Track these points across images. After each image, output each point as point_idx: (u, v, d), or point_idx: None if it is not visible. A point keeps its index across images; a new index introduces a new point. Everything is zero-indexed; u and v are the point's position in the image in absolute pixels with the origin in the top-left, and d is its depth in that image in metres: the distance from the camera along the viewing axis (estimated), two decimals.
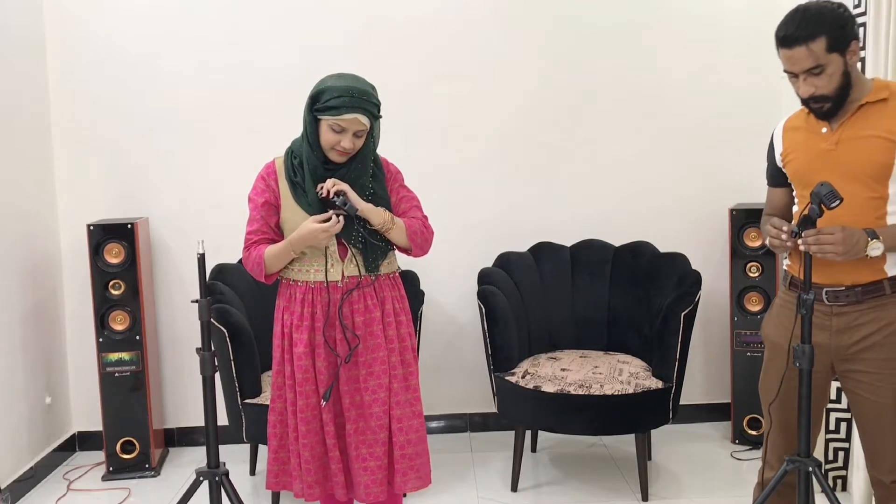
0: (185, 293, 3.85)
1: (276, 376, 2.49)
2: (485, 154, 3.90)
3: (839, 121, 2.12)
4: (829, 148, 2.12)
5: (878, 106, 2.08)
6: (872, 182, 2.06)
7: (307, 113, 2.36)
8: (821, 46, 2.00)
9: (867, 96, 2.08)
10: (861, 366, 2.13)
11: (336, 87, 2.29)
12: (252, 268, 2.44)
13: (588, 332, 3.69)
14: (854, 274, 2.10)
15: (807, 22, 2.00)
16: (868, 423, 2.17)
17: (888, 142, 2.04)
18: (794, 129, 2.25)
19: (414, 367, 2.54)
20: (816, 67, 2.02)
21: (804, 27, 2.00)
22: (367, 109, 2.30)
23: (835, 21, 2.00)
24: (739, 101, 3.92)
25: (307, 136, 2.38)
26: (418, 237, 2.47)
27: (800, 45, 2.01)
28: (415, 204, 2.55)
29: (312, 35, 3.78)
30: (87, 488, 3.49)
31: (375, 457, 2.44)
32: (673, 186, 3.95)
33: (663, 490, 3.31)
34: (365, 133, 2.35)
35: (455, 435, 4.01)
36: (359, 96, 2.28)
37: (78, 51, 3.74)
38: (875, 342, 2.11)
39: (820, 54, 2.01)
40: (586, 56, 3.88)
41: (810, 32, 2.00)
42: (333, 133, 2.32)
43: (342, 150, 2.33)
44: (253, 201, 2.46)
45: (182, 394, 3.90)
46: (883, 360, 2.10)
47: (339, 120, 2.29)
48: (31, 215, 3.60)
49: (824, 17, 2.00)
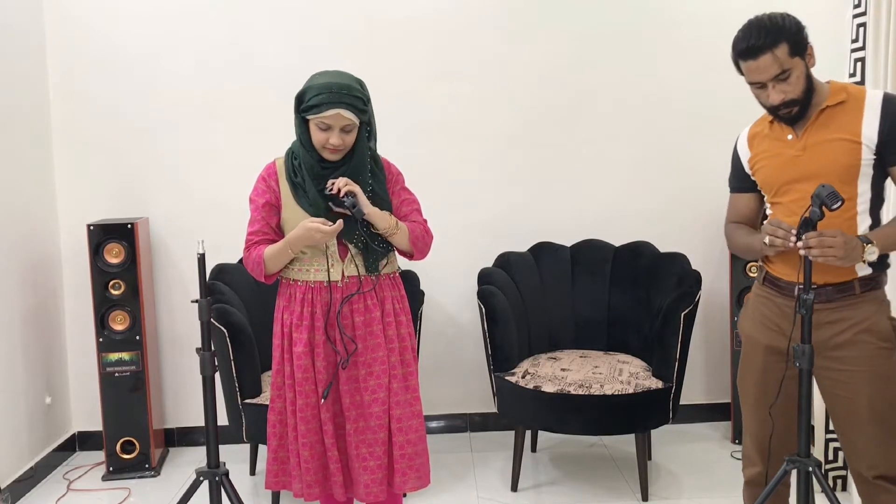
0: (185, 293, 3.85)
1: (276, 376, 2.49)
2: (485, 154, 3.90)
3: (803, 127, 2.18)
4: (797, 154, 2.18)
5: (838, 109, 2.14)
6: (841, 184, 2.10)
7: (295, 115, 2.38)
8: (784, 52, 2.07)
9: (827, 100, 2.14)
10: (834, 363, 2.17)
11: (316, 86, 2.30)
12: (252, 268, 2.45)
13: (588, 332, 3.69)
14: (826, 274, 2.14)
15: (767, 31, 2.07)
16: (844, 420, 2.20)
17: (853, 143, 2.10)
18: (759, 137, 2.31)
19: (413, 366, 2.54)
20: (783, 73, 2.08)
21: (766, 36, 2.07)
22: (350, 104, 2.29)
23: (792, 27, 2.08)
24: (739, 100, 3.89)
25: (299, 138, 2.40)
26: (420, 242, 2.49)
27: (764, 53, 2.07)
28: (415, 207, 2.56)
29: (312, 35, 3.78)
30: (87, 488, 3.49)
31: (375, 456, 2.44)
32: (673, 186, 3.95)
33: (663, 490, 3.31)
34: (353, 128, 2.35)
35: (455, 435, 4.01)
36: (338, 91, 2.28)
37: (78, 51, 3.74)
38: (846, 339, 2.15)
39: (784, 59, 2.07)
40: (586, 56, 3.88)
41: (773, 40, 2.06)
42: (321, 131, 2.33)
43: (332, 147, 2.34)
44: (254, 202, 2.47)
45: (182, 394, 3.90)
46: (854, 358, 2.15)
47: (322, 118, 2.30)
48: (31, 215, 3.60)
49: (782, 25, 2.07)
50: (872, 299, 2.15)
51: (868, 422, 2.14)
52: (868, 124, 2.09)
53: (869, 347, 2.13)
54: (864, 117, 2.10)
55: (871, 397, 2.13)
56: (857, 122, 2.10)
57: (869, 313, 2.14)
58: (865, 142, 2.09)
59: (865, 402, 2.14)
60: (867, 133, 2.09)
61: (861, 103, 2.12)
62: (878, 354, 2.13)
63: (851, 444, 2.21)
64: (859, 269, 2.14)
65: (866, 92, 2.16)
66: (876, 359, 2.13)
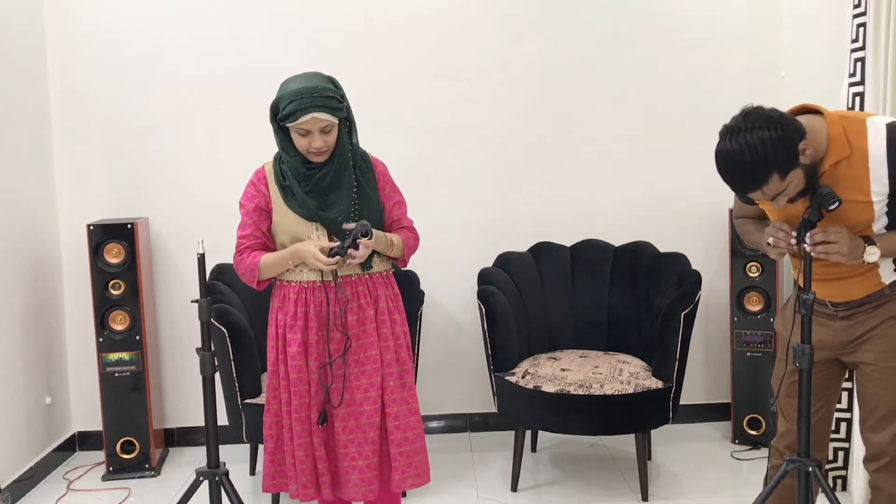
0: (185, 293, 3.85)
1: (271, 378, 2.50)
2: (485, 154, 3.90)
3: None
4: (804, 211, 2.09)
5: (843, 165, 2.02)
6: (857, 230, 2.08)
7: (272, 124, 2.38)
8: (776, 180, 1.94)
9: (829, 158, 2.02)
10: (862, 357, 2.20)
11: (288, 94, 2.31)
12: (244, 272, 2.47)
13: (588, 332, 3.69)
14: (856, 293, 2.17)
15: (752, 171, 1.92)
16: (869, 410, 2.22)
17: (864, 204, 2.04)
18: None
19: (409, 364, 2.54)
20: (780, 193, 1.99)
21: (752, 177, 1.93)
22: (323, 105, 2.29)
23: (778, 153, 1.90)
24: (739, 101, 3.86)
25: (280, 145, 2.40)
26: (410, 252, 2.56)
27: (754, 191, 1.98)
28: (404, 210, 2.59)
29: (313, 36, 3.77)
30: (87, 488, 3.49)
31: (364, 455, 2.44)
32: (673, 186, 3.94)
33: (663, 490, 3.31)
34: (332, 127, 2.35)
35: (455, 435, 4.00)
36: (309, 95, 2.28)
37: (78, 51, 3.74)
38: (875, 334, 2.17)
39: (778, 185, 1.95)
40: (586, 56, 3.88)
41: (761, 178, 1.93)
42: (302, 137, 2.34)
43: (317, 150, 2.35)
44: (244, 206, 2.48)
45: (182, 394, 3.90)
46: (881, 351, 2.16)
47: (299, 124, 2.30)
48: (31, 215, 3.60)
49: (767, 157, 1.90)
50: None
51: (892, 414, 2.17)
52: (876, 180, 2.00)
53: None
54: (870, 172, 2.01)
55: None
56: (865, 180, 2.02)
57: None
58: (876, 198, 2.02)
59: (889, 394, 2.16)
60: (876, 189, 2.01)
61: (865, 155, 2.00)
62: None
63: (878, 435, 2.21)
64: (885, 277, 2.14)
65: (867, 135, 2.01)
66: None
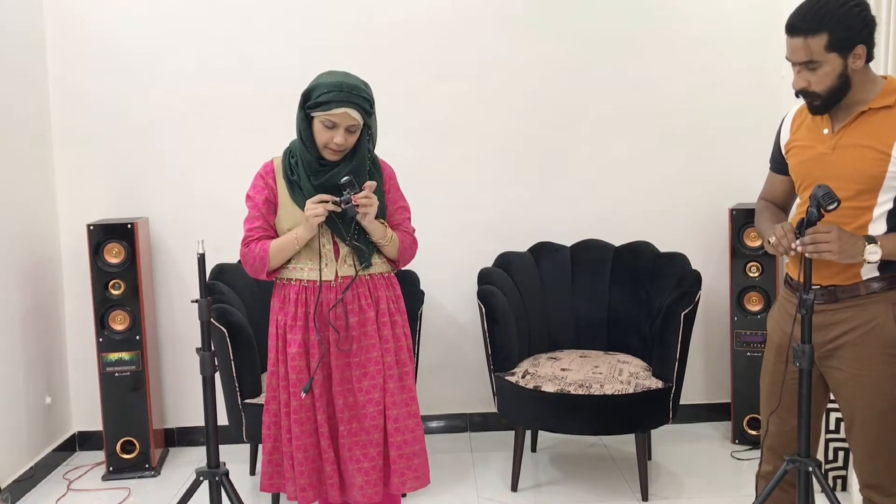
0: (185, 293, 3.85)
1: (271, 378, 2.50)
2: (485, 154, 3.90)
3: (841, 123, 2.08)
4: (826, 151, 2.10)
5: (881, 113, 2.02)
6: (862, 192, 2.04)
7: (300, 111, 2.38)
8: (820, 43, 1.95)
9: (872, 101, 2.03)
10: (835, 363, 2.14)
11: (326, 83, 2.31)
12: (253, 262, 2.44)
13: (588, 331, 3.69)
14: (830, 276, 2.10)
15: (813, 15, 1.95)
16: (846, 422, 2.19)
17: (881, 154, 2.00)
18: (801, 121, 2.20)
19: (410, 366, 2.54)
20: (811, 63, 1.99)
21: (808, 20, 1.95)
22: (358, 104, 2.31)
23: (843, 20, 1.93)
24: (739, 101, 3.92)
25: (300, 135, 2.39)
26: (406, 253, 2.55)
27: (799, 36, 1.97)
28: (407, 216, 2.59)
29: (312, 35, 3.77)
30: (87, 488, 3.49)
31: (369, 457, 2.44)
32: (673, 186, 3.94)
33: (663, 490, 3.31)
34: (358, 129, 2.36)
35: (455, 435, 4.00)
36: (348, 91, 2.29)
37: (78, 51, 3.74)
38: (847, 341, 2.11)
39: (816, 51, 1.96)
40: (586, 56, 3.88)
41: (813, 27, 1.95)
42: (326, 129, 2.33)
43: (336, 147, 2.34)
44: (252, 199, 2.47)
45: (182, 394, 3.90)
46: (853, 360, 2.10)
47: (329, 115, 2.30)
48: (31, 215, 3.60)
49: (832, 14, 1.93)
50: (881, 301, 2.07)
51: (859, 428, 2.12)
52: None
53: (870, 351, 2.08)
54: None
55: (866, 404, 2.09)
56: (892, 133, 1.99)
57: (875, 315, 2.08)
58: (895, 155, 1.98)
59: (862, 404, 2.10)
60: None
61: None
62: (879, 360, 2.07)
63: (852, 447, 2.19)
64: (864, 272, 2.07)
65: None
66: (877, 365, 2.07)
